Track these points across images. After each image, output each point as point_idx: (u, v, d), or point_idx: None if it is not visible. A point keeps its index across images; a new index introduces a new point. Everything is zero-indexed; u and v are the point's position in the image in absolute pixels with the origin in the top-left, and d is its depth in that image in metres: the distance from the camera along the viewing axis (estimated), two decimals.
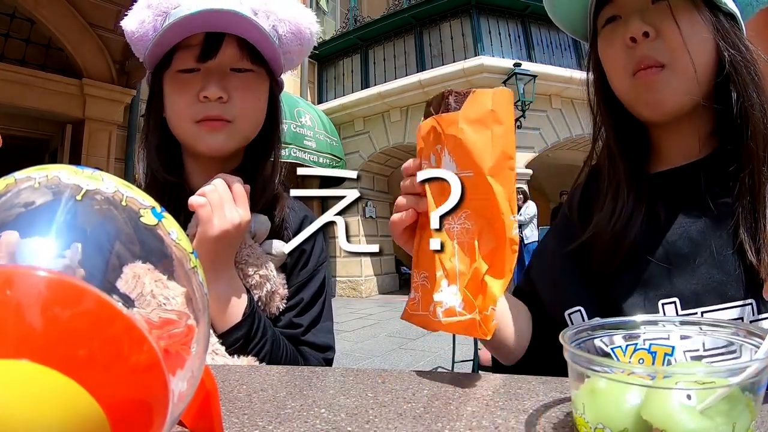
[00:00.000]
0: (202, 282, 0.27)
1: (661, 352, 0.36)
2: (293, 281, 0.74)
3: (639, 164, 0.63)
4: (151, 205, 0.26)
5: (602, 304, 0.59)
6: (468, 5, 7.30)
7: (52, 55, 5.28)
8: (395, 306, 6.42)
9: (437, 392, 0.41)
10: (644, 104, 0.59)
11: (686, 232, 0.57)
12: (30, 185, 0.24)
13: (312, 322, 0.75)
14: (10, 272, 0.20)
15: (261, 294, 0.68)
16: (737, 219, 0.54)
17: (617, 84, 0.62)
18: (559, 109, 7.21)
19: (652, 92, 0.57)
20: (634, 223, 0.59)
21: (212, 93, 0.66)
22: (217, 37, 0.66)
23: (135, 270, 0.24)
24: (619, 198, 0.61)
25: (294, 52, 0.76)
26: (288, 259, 0.74)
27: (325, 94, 8.77)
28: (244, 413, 0.38)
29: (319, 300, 0.77)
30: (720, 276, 0.53)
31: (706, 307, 0.53)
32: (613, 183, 0.63)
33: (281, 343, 0.68)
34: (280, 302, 0.71)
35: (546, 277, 0.68)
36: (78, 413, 0.19)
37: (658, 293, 0.56)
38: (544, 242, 0.76)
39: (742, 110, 0.55)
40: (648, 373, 0.28)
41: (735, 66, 0.56)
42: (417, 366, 3.42)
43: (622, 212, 0.60)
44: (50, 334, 0.19)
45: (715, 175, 0.57)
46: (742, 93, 0.55)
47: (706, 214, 0.56)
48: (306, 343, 0.73)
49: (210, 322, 0.28)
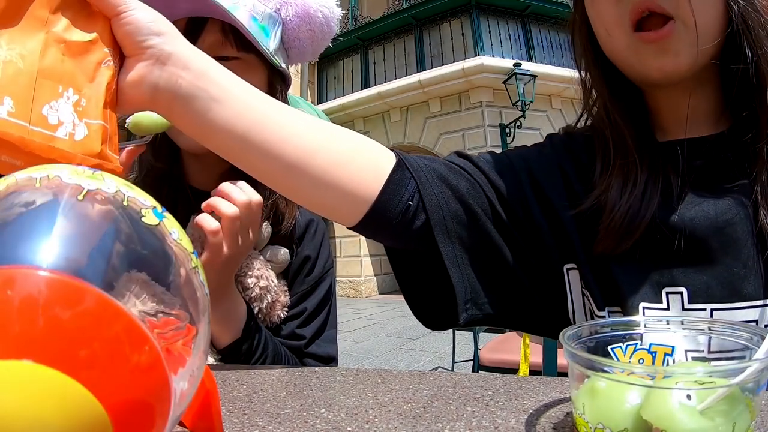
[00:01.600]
0: (203, 282, 0.27)
1: (661, 352, 0.36)
2: (297, 289, 0.71)
3: (646, 130, 0.55)
4: (152, 205, 0.26)
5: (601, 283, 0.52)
6: (468, 5, 7.30)
7: None
8: (395, 306, 6.42)
9: (437, 392, 0.41)
10: (656, 69, 0.49)
11: (703, 214, 0.50)
12: (31, 185, 0.24)
13: (315, 333, 0.72)
14: (12, 272, 0.20)
15: (261, 306, 0.66)
16: (755, 196, 0.47)
17: (613, 43, 0.52)
18: (559, 109, 7.22)
19: (668, 55, 0.48)
20: (649, 199, 0.51)
21: None
22: (199, 22, 0.61)
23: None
24: (630, 170, 0.52)
25: (304, 39, 0.69)
26: (290, 266, 0.71)
27: (325, 94, 8.78)
28: (244, 413, 0.38)
29: (324, 309, 0.74)
30: (737, 268, 0.47)
31: (717, 304, 0.47)
32: (620, 151, 0.54)
33: (282, 356, 0.67)
34: (281, 310, 0.69)
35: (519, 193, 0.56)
36: (80, 413, 0.19)
37: (663, 280, 0.49)
38: (520, 155, 0.61)
39: (757, 68, 0.47)
40: (648, 373, 0.28)
41: (746, 20, 0.48)
42: (417, 366, 3.42)
43: (636, 184, 0.51)
44: (52, 335, 0.19)
45: (734, 152, 0.50)
46: (757, 50, 0.47)
47: (725, 195, 0.49)
48: (309, 355, 0.71)
49: (210, 322, 0.28)
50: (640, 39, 0.49)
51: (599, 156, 0.56)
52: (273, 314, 0.68)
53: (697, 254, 0.49)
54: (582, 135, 0.60)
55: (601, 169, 0.55)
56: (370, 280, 8.19)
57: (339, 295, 8.09)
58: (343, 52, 8.61)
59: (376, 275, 8.30)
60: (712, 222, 0.49)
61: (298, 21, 0.68)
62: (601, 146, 0.56)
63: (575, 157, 0.59)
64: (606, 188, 0.53)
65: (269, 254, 0.68)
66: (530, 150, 0.62)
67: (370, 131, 8.13)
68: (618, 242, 0.51)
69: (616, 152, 0.54)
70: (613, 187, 0.53)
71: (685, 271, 0.49)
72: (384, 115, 7.99)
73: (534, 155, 0.60)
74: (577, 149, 0.59)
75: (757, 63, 0.48)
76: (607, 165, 0.55)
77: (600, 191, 0.53)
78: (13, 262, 0.21)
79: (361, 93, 8.07)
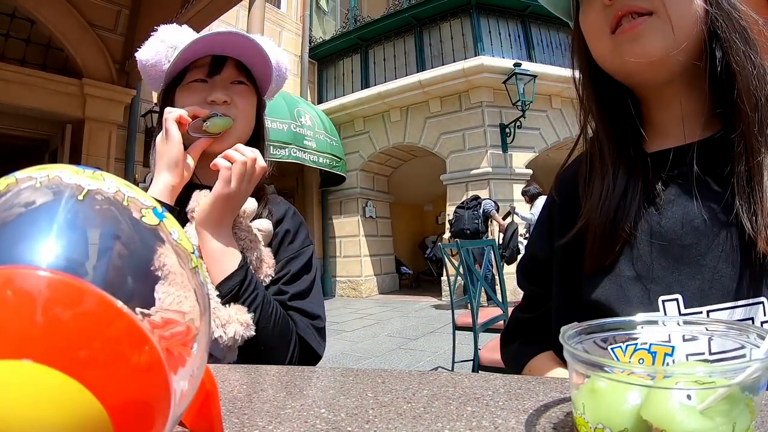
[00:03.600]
0: (203, 282, 0.27)
1: (661, 352, 0.36)
2: (281, 256, 0.83)
3: (630, 141, 0.57)
4: (152, 205, 0.26)
5: (593, 306, 0.54)
6: (468, 5, 7.30)
7: (52, 55, 5.28)
8: (395, 306, 6.42)
9: (437, 392, 0.41)
10: (631, 57, 0.52)
11: (690, 221, 0.51)
12: (31, 185, 0.24)
13: (299, 293, 0.81)
14: (12, 272, 0.20)
15: (252, 258, 0.77)
16: (736, 198, 0.48)
17: (598, 48, 0.55)
18: (559, 109, 7.21)
19: (639, 40, 0.51)
20: (629, 204, 0.53)
21: (218, 97, 0.81)
22: (220, 59, 0.83)
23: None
24: (606, 176, 0.56)
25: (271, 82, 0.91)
26: (273, 239, 0.83)
27: (325, 94, 8.78)
28: (244, 413, 0.38)
29: (306, 276, 0.83)
30: (728, 270, 0.48)
31: (712, 306, 0.48)
32: (600, 161, 0.57)
33: (272, 301, 0.75)
34: (268, 269, 0.79)
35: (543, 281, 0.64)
36: (80, 413, 0.19)
37: (658, 289, 0.50)
38: (533, 247, 0.69)
39: (726, 68, 0.50)
40: (648, 373, 0.28)
41: (716, 21, 0.51)
42: (417, 366, 3.42)
43: (614, 190, 0.54)
44: (52, 334, 0.19)
45: (722, 158, 0.51)
46: (727, 50, 0.50)
47: (711, 201, 0.51)
48: (295, 309, 0.79)
49: (210, 322, 0.28)
50: (618, 35, 0.52)
51: (583, 176, 0.60)
52: (260, 272, 0.78)
53: (688, 260, 0.50)
54: (573, 171, 0.64)
55: (585, 182, 0.59)
56: (370, 280, 8.18)
57: (339, 295, 8.12)
58: (343, 52, 8.61)
59: (376, 275, 8.30)
60: (699, 227, 0.50)
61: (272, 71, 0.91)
62: (586, 165, 0.60)
63: (569, 195, 0.62)
64: (590, 205, 0.56)
65: (256, 223, 0.81)
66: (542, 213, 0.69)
67: (370, 131, 8.13)
68: (603, 254, 0.53)
69: (596, 163, 0.58)
70: (593, 194, 0.56)
71: (677, 278, 0.50)
72: (384, 115, 7.98)
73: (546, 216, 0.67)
74: (569, 188, 0.63)
75: (728, 63, 0.50)
76: (590, 179, 0.58)
77: (585, 208, 0.56)
78: (13, 262, 0.21)
79: (361, 93, 8.06)
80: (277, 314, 0.74)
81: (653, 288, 0.51)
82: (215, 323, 0.67)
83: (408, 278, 9.78)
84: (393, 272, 8.92)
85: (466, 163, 7.02)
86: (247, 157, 0.72)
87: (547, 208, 0.67)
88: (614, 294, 0.53)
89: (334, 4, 9.48)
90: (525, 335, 0.69)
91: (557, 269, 0.61)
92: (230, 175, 0.71)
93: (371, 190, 8.44)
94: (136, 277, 0.23)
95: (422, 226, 11.74)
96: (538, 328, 0.65)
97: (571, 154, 0.66)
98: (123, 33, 5.26)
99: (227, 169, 0.71)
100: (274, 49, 0.90)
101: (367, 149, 8.14)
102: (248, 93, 0.86)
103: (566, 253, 0.58)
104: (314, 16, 8.99)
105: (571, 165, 0.66)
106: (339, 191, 8.20)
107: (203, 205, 0.73)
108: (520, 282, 0.71)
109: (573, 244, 0.57)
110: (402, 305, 6.49)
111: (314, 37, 8.75)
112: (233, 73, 0.84)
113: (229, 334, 0.67)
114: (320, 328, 0.81)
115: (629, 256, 0.53)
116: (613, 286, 0.53)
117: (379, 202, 8.58)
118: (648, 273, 0.51)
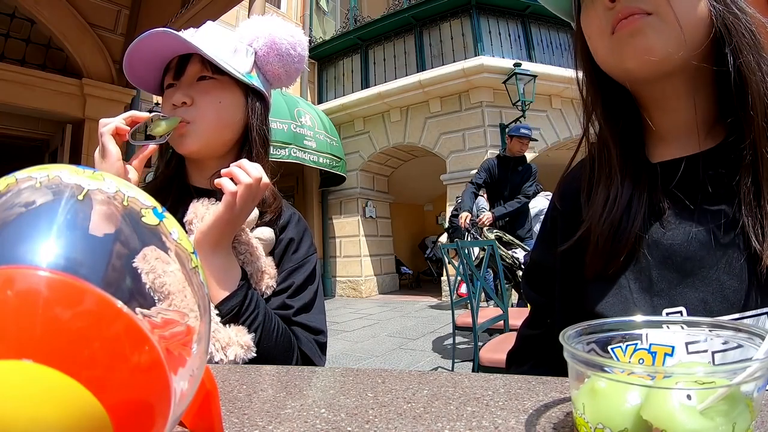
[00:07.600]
0: (203, 282, 0.27)
1: (661, 352, 0.36)
2: (284, 266, 0.80)
3: (635, 149, 0.56)
4: (152, 205, 0.26)
5: (596, 317, 0.56)
6: (468, 5, 7.30)
7: (52, 55, 5.28)
8: (395, 306, 6.42)
9: (437, 392, 0.41)
10: (631, 55, 0.50)
11: (695, 234, 0.50)
12: (31, 185, 0.24)
13: (304, 306, 0.79)
14: (12, 272, 0.20)
15: (252, 271, 0.75)
16: (742, 210, 0.47)
17: (599, 49, 0.54)
18: (559, 109, 7.21)
19: (637, 37, 0.49)
20: (634, 215, 0.52)
21: (177, 99, 0.78)
22: (185, 57, 0.80)
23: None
24: (612, 184, 0.54)
25: (275, 63, 0.84)
26: (276, 248, 0.81)
27: (325, 94, 8.77)
28: (244, 413, 0.38)
29: (310, 287, 0.81)
30: (732, 282, 0.47)
31: (717, 317, 0.47)
32: (605, 168, 0.56)
33: (273, 318, 0.73)
34: (270, 280, 0.76)
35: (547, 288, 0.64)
36: (81, 413, 0.19)
37: (662, 302, 0.50)
38: (534, 255, 0.70)
39: (738, 73, 0.48)
40: (648, 373, 0.28)
41: (726, 25, 0.49)
42: (417, 366, 3.42)
43: (618, 199, 0.53)
44: (52, 334, 0.19)
45: (728, 168, 0.50)
46: (737, 54, 0.48)
47: (717, 214, 0.50)
48: (298, 324, 0.77)
49: (210, 321, 0.28)
50: (616, 32, 0.51)
51: (586, 182, 0.59)
52: (261, 284, 0.76)
53: (692, 273, 0.49)
54: (574, 177, 0.63)
55: (588, 188, 0.58)
56: (370, 280, 8.18)
57: (339, 295, 8.11)
58: (343, 52, 8.61)
59: (376, 275, 8.29)
60: (704, 240, 0.49)
61: (266, 49, 0.83)
62: (588, 171, 0.59)
63: (571, 201, 0.62)
64: (592, 212, 0.55)
65: (257, 232, 0.79)
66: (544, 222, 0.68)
67: (370, 131, 8.13)
68: (605, 261, 0.53)
69: (600, 170, 0.56)
70: (597, 207, 0.55)
71: (681, 291, 0.49)
72: (384, 115, 7.98)
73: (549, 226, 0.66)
74: (572, 194, 0.62)
75: (739, 68, 0.48)
76: (593, 185, 0.57)
77: (588, 215, 0.55)
78: (13, 262, 0.21)
79: (361, 93, 8.05)
80: (278, 331, 0.72)
81: (657, 301, 0.50)
82: (215, 346, 0.65)
83: (408, 278, 9.77)
84: (393, 272, 8.91)
85: (466, 163, 7.02)
86: (253, 178, 0.69)
87: (550, 215, 0.67)
88: (618, 306, 0.52)
89: (334, 4, 9.47)
90: (535, 355, 0.68)
91: (560, 276, 0.61)
92: (234, 201, 0.68)
93: (371, 190, 8.43)
94: (137, 277, 0.23)
95: (422, 226, 11.73)
96: (548, 346, 0.64)
97: (573, 158, 0.64)
98: (123, 33, 5.25)
99: (231, 194, 0.68)
100: (269, 21, 0.83)
101: (367, 149, 8.13)
102: (214, 88, 0.79)
103: (568, 259, 0.58)
104: (314, 16, 8.99)
105: (573, 171, 0.65)
106: (339, 191, 8.20)
107: (203, 226, 0.69)
108: (526, 292, 0.70)
109: (575, 251, 0.56)
110: (402, 305, 6.48)
111: (314, 37, 8.75)
112: (196, 69, 0.79)
113: (229, 357, 0.66)
114: (322, 343, 0.80)
115: (632, 268, 0.52)
116: (616, 299, 0.52)
117: (379, 202, 8.57)
118: (652, 286, 0.51)
